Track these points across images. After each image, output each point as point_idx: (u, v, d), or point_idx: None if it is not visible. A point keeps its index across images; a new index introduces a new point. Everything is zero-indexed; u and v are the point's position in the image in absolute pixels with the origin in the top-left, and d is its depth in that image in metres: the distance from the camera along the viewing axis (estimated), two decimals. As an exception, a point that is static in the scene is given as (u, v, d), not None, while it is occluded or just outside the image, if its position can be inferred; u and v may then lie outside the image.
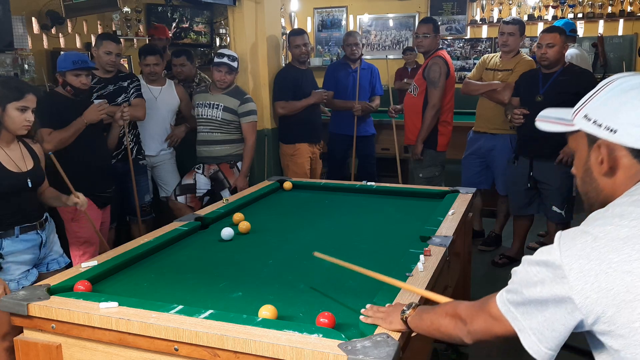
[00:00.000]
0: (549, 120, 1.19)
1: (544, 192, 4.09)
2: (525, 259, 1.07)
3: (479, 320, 1.16)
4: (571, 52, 4.64)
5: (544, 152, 3.96)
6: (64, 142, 3.26)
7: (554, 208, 4.04)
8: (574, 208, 4.24)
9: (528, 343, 1.03)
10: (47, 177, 2.75)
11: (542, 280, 1.00)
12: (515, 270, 1.10)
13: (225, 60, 4.00)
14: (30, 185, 2.52)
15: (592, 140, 1.09)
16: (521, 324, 1.04)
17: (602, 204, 1.08)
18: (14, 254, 2.46)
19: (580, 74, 3.92)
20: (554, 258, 0.99)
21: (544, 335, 1.01)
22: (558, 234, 1.04)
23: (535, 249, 3.83)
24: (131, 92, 3.94)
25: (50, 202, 2.77)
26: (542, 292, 1.00)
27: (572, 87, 3.83)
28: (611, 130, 1.05)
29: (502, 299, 1.10)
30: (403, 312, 1.44)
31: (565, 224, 4.13)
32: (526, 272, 1.04)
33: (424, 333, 1.40)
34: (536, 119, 1.21)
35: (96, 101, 3.44)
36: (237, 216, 2.63)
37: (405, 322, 1.43)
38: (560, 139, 4.37)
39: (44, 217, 2.64)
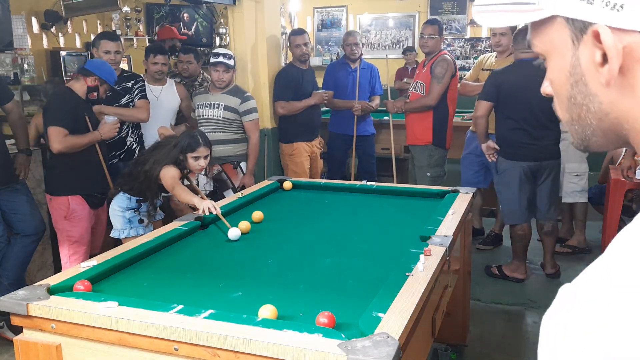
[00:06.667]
0: (495, 9, 0.66)
1: None
2: None
3: None
4: None
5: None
6: (74, 149, 3.26)
7: None
8: (560, 208, 4.23)
9: None
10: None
11: None
12: None
13: (221, 59, 3.99)
14: None
15: (579, 28, 0.61)
16: None
17: (607, 136, 0.64)
18: None
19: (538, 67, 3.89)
20: None
21: None
22: None
23: (561, 254, 3.69)
24: (135, 93, 3.92)
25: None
26: None
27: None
28: (614, 7, 0.57)
29: None
30: None
31: (553, 224, 4.08)
32: None
33: None
34: (475, 10, 0.70)
35: (108, 119, 3.44)
36: (257, 215, 2.65)
37: None
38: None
39: None
